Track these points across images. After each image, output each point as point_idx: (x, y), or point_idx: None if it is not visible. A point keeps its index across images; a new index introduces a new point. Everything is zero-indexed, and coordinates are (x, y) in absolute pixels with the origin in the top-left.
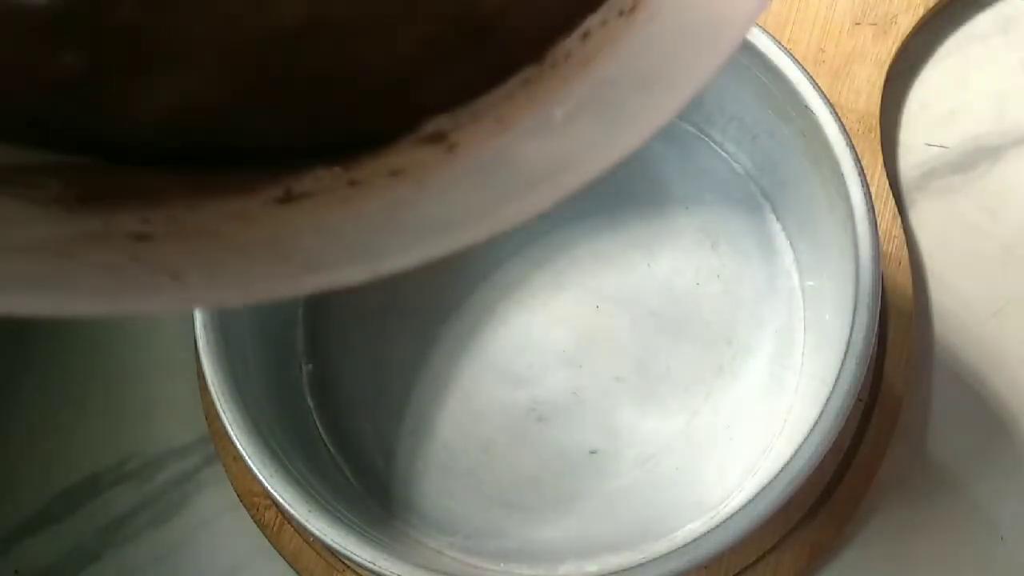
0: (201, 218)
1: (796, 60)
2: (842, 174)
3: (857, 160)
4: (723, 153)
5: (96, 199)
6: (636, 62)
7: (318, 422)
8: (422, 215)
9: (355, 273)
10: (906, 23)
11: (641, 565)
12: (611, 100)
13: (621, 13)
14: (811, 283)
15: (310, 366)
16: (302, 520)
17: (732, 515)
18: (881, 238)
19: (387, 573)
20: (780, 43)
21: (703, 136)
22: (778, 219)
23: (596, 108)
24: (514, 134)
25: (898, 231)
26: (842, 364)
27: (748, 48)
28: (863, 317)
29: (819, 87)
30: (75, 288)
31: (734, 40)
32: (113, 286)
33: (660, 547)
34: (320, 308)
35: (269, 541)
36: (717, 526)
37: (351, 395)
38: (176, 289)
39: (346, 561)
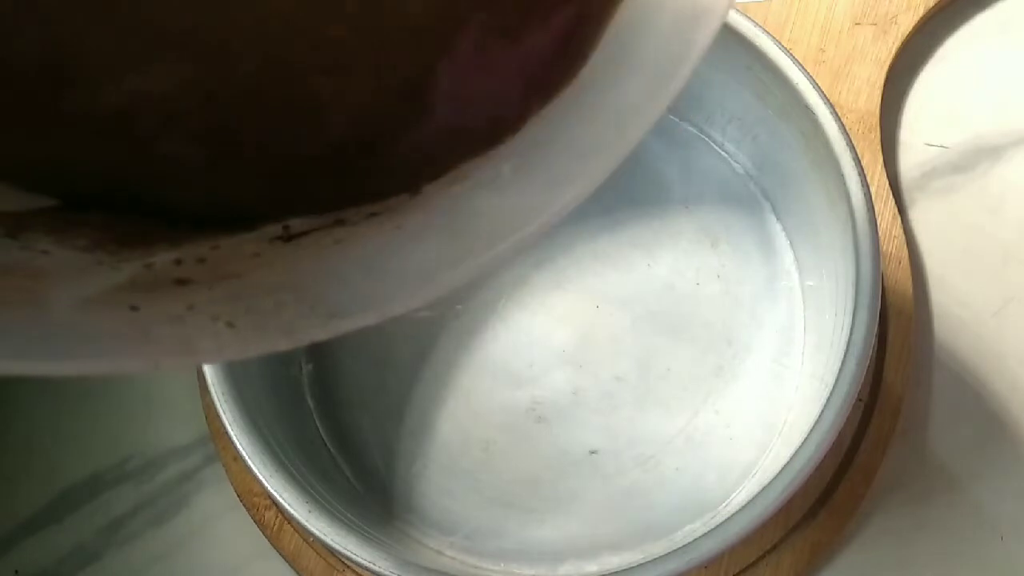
0: (224, 258)
1: (796, 60)
2: (842, 174)
3: (857, 160)
4: (723, 153)
5: (129, 242)
6: (566, 128)
7: (318, 422)
8: (409, 262)
9: (369, 318)
10: (906, 23)
11: (641, 565)
12: (548, 161)
13: None
14: (811, 283)
15: (310, 366)
16: (302, 520)
17: (732, 515)
18: (881, 238)
19: (387, 573)
20: (780, 43)
21: (703, 136)
22: (778, 219)
23: (537, 167)
24: (471, 183)
25: (898, 231)
26: (842, 364)
27: (748, 48)
28: (863, 317)
29: (819, 87)
30: (158, 345)
31: (648, 122)
32: (187, 340)
33: (660, 547)
34: None
35: (269, 541)
36: (717, 526)
37: (351, 395)
38: (235, 339)
39: (346, 561)
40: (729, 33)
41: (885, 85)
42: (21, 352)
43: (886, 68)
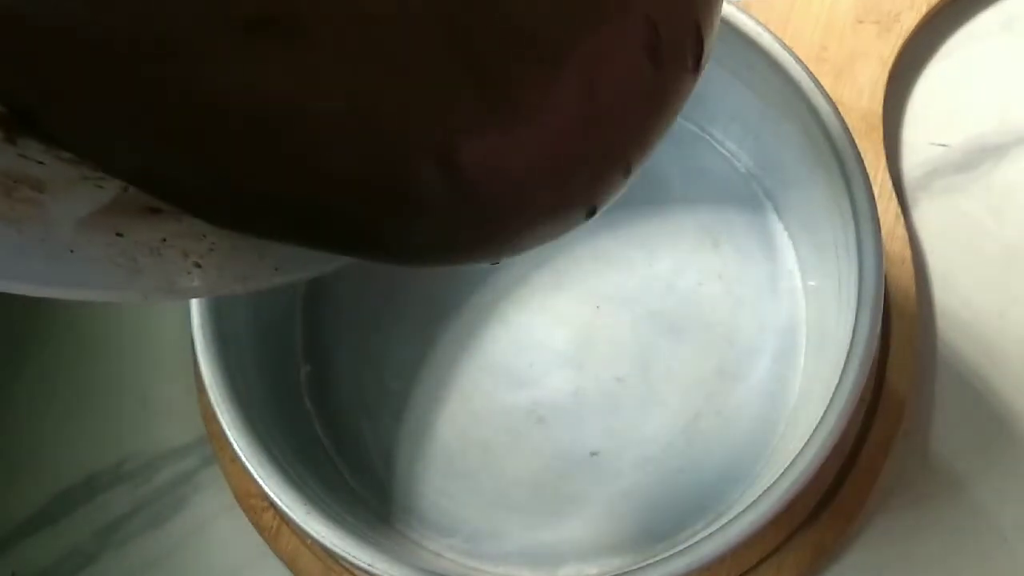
0: None
1: (798, 59)
2: (845, 173)
3: (860, 159)
4: (725, 152)
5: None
6: None
7: (316, 423)
8: None
9: (301, 276)
10: (909, 21)
11: (642, 567)
12: None
13: None
14: (813, 283)
15: (308, 367)
16: (300, 522)
17: (734, 517)
18: (884, 238)
19: None
20: (782, 42)
21: (705, 135)
22: (780, 218)
23: None
24: None
25: (901, 230)
26: (845, 365)
27: (751, 46)
28: (866, 317)
29: (821, 86)
30: (146, 278)
31: None
32: (167, 275)
33: (661, 549)
34: (319, 308)
35: (267, 543)
36: (719, 528)
37: (350, 396)
38: (203, 279)
39: (344, 563)
40: (731, 31)
41: (888, 84)
42: (37, 276)
43: (889, 66)
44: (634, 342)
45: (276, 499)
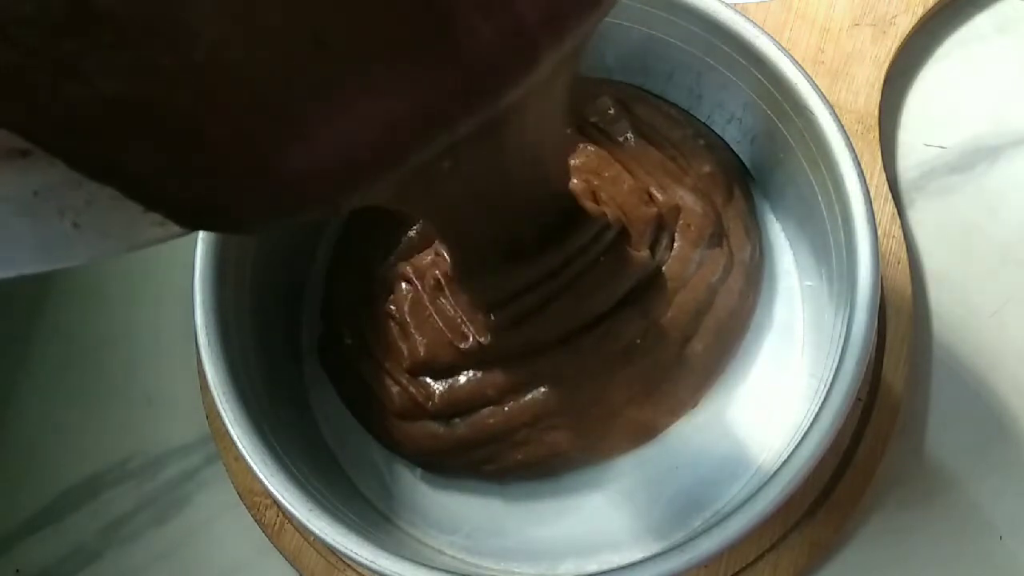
0: None
1: (795, 61)
2: (841, 174)
3: (856, 160)
4: None
5: None
6: None
7: (319, 421)
8: None
9: (182, 231)
10: (905, 24)
11: (641, 563)
12: None
13: None
14: (810, 283)
15: (311, 365)
16: (302, 519)
17: (731, 514)
18: (880, 238)
19: (387, 572)
20: (779, 44)
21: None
22: (777, 219)
23: None
24: None
25: (897, 231)
26: (841, 364)
27: (747, 49)
28: (862, 317)
29: (818, 88)
30: (15, 245)
31: None
32: (42, 244)
33: (660, 546)
34: (322, 307)
35: (270, 540)
36: (717, 525)
37: (351, 394)
38: (82, 241)
39: (346, 560)
40: (729, 34)
41: (884, 85)
42: None
43: (885, 69)
44: None
45: (279, 496)
